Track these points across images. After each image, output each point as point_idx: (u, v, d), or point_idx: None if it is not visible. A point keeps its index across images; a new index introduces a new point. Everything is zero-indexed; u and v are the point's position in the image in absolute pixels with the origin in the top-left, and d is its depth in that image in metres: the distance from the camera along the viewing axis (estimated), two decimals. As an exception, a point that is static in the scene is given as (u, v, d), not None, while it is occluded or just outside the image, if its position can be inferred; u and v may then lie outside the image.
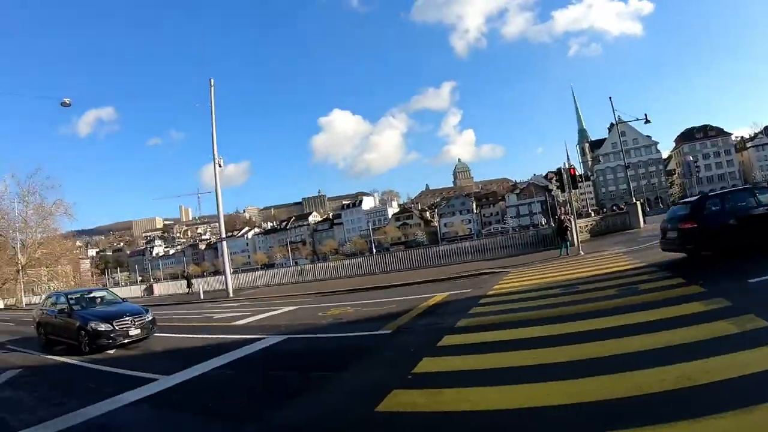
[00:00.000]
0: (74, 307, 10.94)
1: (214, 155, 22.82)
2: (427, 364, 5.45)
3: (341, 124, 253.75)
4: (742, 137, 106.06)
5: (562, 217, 17.96)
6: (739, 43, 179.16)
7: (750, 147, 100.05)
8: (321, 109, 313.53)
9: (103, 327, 9.67)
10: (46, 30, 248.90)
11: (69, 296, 11.65)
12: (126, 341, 9.90)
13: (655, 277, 8.96)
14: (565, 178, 16.50)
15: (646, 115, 27.84)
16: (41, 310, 12.62)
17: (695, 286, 7.24)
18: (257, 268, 79.49)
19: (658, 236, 17.21)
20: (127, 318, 10.13)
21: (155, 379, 6.75)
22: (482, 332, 6.71)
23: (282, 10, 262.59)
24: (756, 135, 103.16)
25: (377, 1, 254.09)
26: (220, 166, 23.20)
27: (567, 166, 17.04)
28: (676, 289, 7.34)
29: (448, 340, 6.53)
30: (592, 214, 41.71)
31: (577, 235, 17.47)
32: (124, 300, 12.62)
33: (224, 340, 9.22)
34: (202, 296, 22.47)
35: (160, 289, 38.58)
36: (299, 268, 30.59)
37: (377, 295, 14.45)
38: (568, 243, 16.91)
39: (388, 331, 7.92)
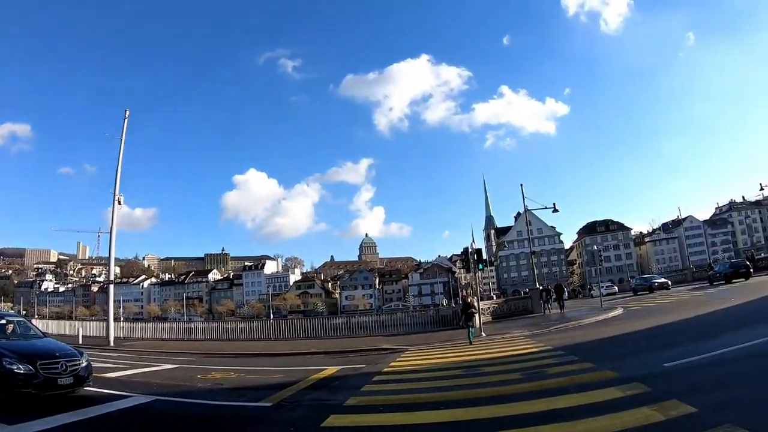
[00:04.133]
0: None
1: (115, 190, 21.84)
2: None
3: (256, 185, 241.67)
4: (641, 232, 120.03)
5: (469, 300, 16.54)
6: (645, 150, 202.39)
7: (648, 242, 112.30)
8: (238, 167, 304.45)
9: (22, 369, 6.72)
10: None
11: None
12: (51, 393, 6.99)
13: (563, 360, 8.73)
14: (471, 258, 16.72)
15: (555, 204, 27.21)
16: None
17: (608, 371, 7.03)
18: (149, 320, 73.14)
19: (561, 320, 17.96)
20: (57, 360, 7.22)
21: (-11, 429, 5.83)
22: (373, 414, 6.09)
23: (215, 60, 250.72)
24: (653, 231, 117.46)
25: (314, 71, 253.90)
26: (119, 203, 22.15)
27: (474, 247, 17.36)
28: (588, 374, 7.13)
29: (334, 420, 5.81)
30: (494, 298, 43.69)
31: (480, 316, 17.22)
32: (45, 334, 9.13)
33: (86, 393, 8.01)
34: (80, 341, 19.83)
35: (39, 326, 32.56)
36: (192, 325, 28.82)
37: (267, 362, 13.82)
38: (472, 328, 14.83)
39: (269, 404, 7.20)
